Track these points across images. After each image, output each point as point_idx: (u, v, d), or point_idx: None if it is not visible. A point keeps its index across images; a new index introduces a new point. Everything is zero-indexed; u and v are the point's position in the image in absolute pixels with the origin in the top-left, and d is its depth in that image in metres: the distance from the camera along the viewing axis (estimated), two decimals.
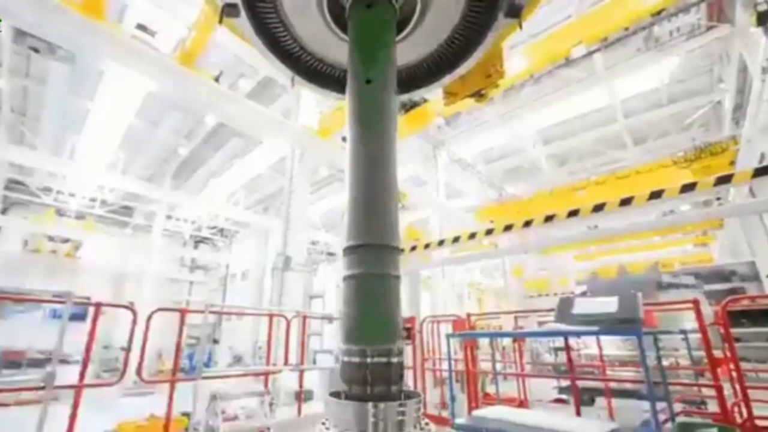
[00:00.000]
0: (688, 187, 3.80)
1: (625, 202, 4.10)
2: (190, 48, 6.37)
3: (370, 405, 0.93)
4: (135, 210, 15.29)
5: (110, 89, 7.92)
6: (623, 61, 7.66)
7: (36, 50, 7.34)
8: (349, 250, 1.12)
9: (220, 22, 1.53)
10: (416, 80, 1.85)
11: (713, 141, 6.84)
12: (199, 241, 18.63)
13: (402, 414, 0.95)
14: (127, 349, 4.04)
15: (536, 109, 9.05)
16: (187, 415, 4.31)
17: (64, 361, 6.04)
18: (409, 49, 1.64)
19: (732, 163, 6.38)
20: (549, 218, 4.91)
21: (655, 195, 3.89)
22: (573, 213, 4.66)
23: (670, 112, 9.48)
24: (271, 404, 5.01)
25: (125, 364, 4.10)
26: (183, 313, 4.69)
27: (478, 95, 1.81)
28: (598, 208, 4.36)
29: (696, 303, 3.91)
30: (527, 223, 5.17)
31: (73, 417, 3.44)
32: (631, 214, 4.40)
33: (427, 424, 1.00)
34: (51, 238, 12.52)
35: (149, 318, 4.20)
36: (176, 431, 4.19)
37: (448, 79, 1.76)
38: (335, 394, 1.05)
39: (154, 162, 12.82)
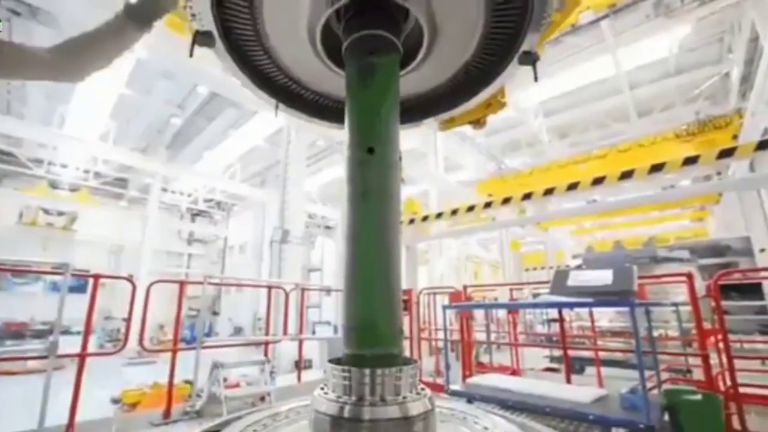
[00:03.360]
0: (690, 160, 3.76)
1: (626, 175, 4.06)
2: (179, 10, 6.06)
3: (367, 370, 0.92)
4: (129, 182, 15.11)
5: None
6: (632, 28, 7.39)
7: (17, 13, 6.99)
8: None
9: (191, 55, 1.31)
10: (409, 113, 1.66)
11: (717, 114, 6.73)
12: (196, 214, 18.58)
13: (399, 379, 0.94)
14: (128, 320, 4.09)
15: (539, 80, 8.79)
16: (189, 382, 4.43)
17: (66, 332, 6.15)
18: (405, 84, 1.42)
19: (735, 137, 6.29)
20: (548, 191, 4.87)
21: (656, 168, 3.84)
22: (573, 186, 4.62)
23: (676, 84, 9.27)
24: (272, 372, 5.15)
25: (126, 334, 4.16)
26: (182, 284, 4.73)
27: (476, 122, 1.66)
28: (598, 181, 4.33)
29: (689, 276, 3.96)
30: (526, 196, 5.14)
31: (77, 384, 3.52)
32: (631, 188, 4.38)
33: (423, 389, 1.00)
34: (46, 211, 12.43)
35: (148, 289, 4.23)
36: (180, 398, 4.31)
37: (445, 116, 1.64)
38: (334, 361, 1.04)
39: (148, 132, 12.55)
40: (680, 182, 8.89)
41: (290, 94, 1.58)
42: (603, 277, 3.37)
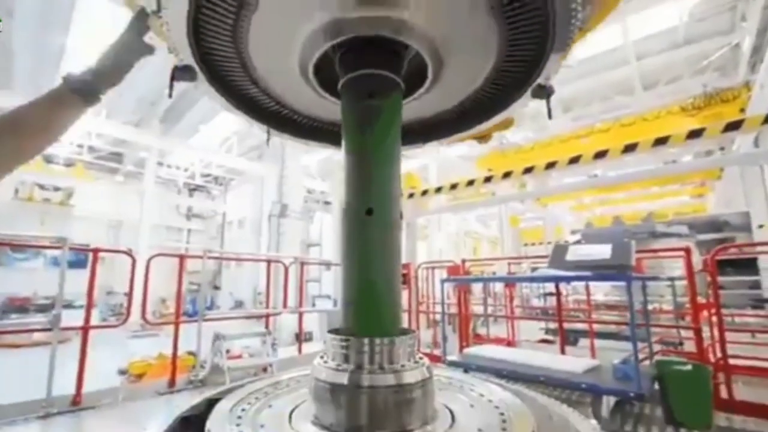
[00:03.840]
0: (695, 133, 3.67)
1: (629, 148, 3.99)
2: None
3: (366, 339, 0.92)
4: (125, 156, 14.92)
5: (84, 21, 7.31)
6: None
7: None
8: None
9: (170, 95, 1.18)
10: (410, 136, 1.54)
11: (725, 87, 6.55)
12: (193, 189, 18.47)
13: (397, 348, 0.93)
14: (129, 293, 4.13)
15: None
16: (193, 354, 4.52)
17: (69, 306, 6.22)
18: (407, 110, 1.28)
19: (742, 110, 6.16)
20: (550, 165, 4.81)
21: (661, 141, 3.77)
22: (574, 160, 4.56)
23: (685, 55, 8.98)
24: (273, 344, 5.26)
25: (128, 308, 4.21)
26: (182, 258, 4.75)
27: (482, 138, 1.57)
28: (601, 154, 4.25)
29: (687, 251, 3.97)
30: (527, 170, 5.08)
31: (82, 355, 3.59)
32: (634, 162, 4.31)
33: (421, 358, 1.00)
34: (42, 186, 12.33)
35: (148, 263, 4.25)
36: (184, 369, 4.42)
37: (450, 140, 1.53)
38: (333, 331, 1.04)
39: (140, 106, 12.25)
40: (683, 158, 8.79)
41: (282, 118, 1.47)
42: (601, 251, 3.38)
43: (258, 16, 0.97)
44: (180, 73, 1.08)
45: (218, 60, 1.17)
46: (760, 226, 6.02)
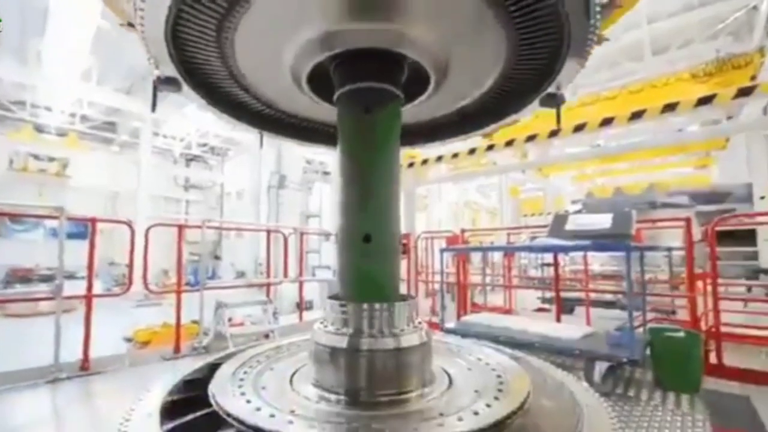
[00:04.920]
0: (705, 100, 3.56)
1: (637, 115, 3.87)
2: None
3: (365, 305, 0.91)
4: (119, 126, 14.60)
5: None
6: None
7: None
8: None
9: (153, 109, 1.07)
10: (409, 137, 1.42)
11: (738, 53, 6.28)
12: (190, 159, 18.25)
13: (395, 313, 0.93)
14: (129, 263, 4.15)
15: None
16: (197, 323, 4.62)
17: (72, 277, 6.28)
18: (407, 113, 1.16)
19: (753, 78, 5.94)
20: (554, 133, 4.69)
21: (669, 108, 3.65)
22: (579, 127, 4.44)
23: (698, 18, 8.59)
24: (275, 313, 5.36)
25: (130, 276, 4.25)
26: (180, 227, 4.75)
27: (487, 134, 1.48)
28: (607, 121, 4.13)
29: (688, 221, 3.96)
30: (530, 138, 4.97)
31: (87, 323, 3.65)
32: (640, 131, 4.19)
33: (420, 322, 1.00)
34: (36, 157, 12.14)
35: (147, 232, 4.25)
36: (189, 336, 4.52)
37: (452, 140, 1.42)
38: (334, 297, 1.03)
39: (132, 72, 11.84)
40: (689, 127, 8.60)
41: (276, 121, 1.37)
42: (602, 220, 3.37)
43: (247, 21, 0.87)
44: (163, 84, 1.01)
45: (204, 69, 1.08)
46: (762, 198, 5.99)
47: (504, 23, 0.87)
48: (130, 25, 0.89)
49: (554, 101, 1.11)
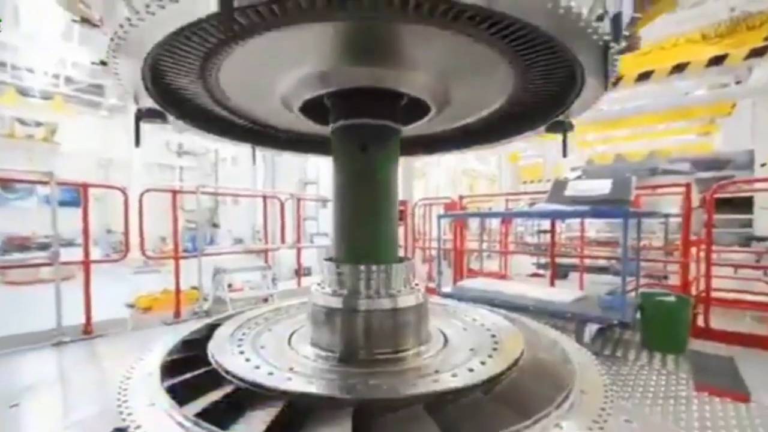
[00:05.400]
0: (716, 60, 3.42)
1: (644, 76, 3.73)
2: None
3: (362, 266, 0.89)
4: (106, 89, 14.07)
5: None
6: None
7: None
8: None
9: (137, 144, 0.96)
10: (409, 148, 1.31)
11: (755, 11, 5.95)
12: None
13: (392, 274, 0.92)
14: (125, 229, 4.14)
15: None
16: (196, 288, 4.68)
17: (70, 244, 6.28)
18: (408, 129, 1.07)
19: (766, 39, 5.67)
20: None
21: (678, 68, 3.51)
22: None
23: None
24: (273, 278, 5.44)
25: (126, 242, 4.25)
26: (174, 193, 4.72)
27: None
28: (612, 83, 3.97)
29: (688, 187, 3.94)
30: None
31: (86, 287, 3.69)
32: (644, 96, 4.07)
33: (416, 284, 0.99)
34: (22, 122, 11.77)
35: (141, 198, 4.21)
36: (189, 302, 4.60)
37: (454, 152, 1.33)
38: (331, 259, 1.02)
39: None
40: (695, 92, 8.38)
41: (268, 136, 1.30)
42: (601, 186, 3.35)
43: (232, 61, 0.79)
44: (146, 115, 0.97)
45: (189, 99, 1.02)
46: (763, 165, 5.94)
47: (513, 65, 0.83)
48: (86, 20, 0.81)
49: (561, 128, 1.07)
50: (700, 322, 3.89)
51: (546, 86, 0.95)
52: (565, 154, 1.17)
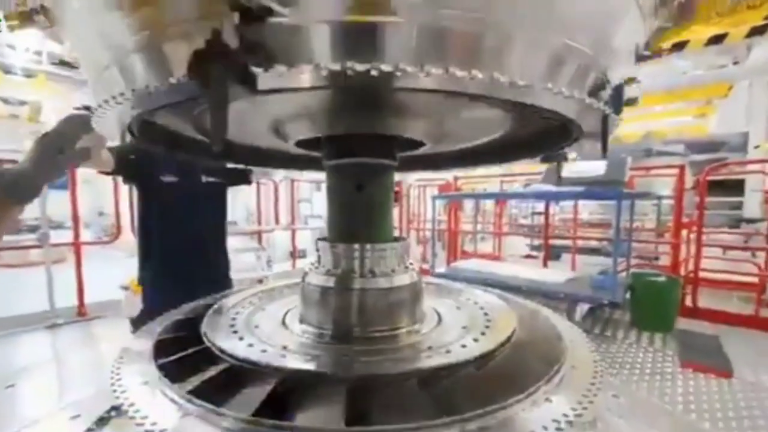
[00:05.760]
0: (716, 39, 3.37)
1: (641, 58, 3.66)
2: None
3: (357, 245, 0.88)
4: None
5: None
6: None
7: None
8: None
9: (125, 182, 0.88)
10: (409, 164, 1.29)
11: None
12: None
13: (387, 253, 0.91)
14: (116, 211, 4.09)
15: None
16: None
17: (61, 227, 6.18)
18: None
19: (766, 18, 5.59)
20: None
21: (678, 46, 3.47)
22: None
23: None
24: (268, 260, 5.44)
25: (117, 225, 4.20)
26: None
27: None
28: None
29: (681, 169, 3.96)
30: None
31: (78, 269, 3.66)
32: (643, 74, 4.02)
33: (411, 263, 0.98)
34: (5, 101, 11.40)
35: None
36: None
37: (451, 171, 1.30)
38: (325, 238, 1.01)
39: None
40: (693, 72, 8.31)
41: (258, 155, 1.27)
42: (596, 167, 3.35)
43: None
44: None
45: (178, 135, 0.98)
46: (756, 147, 5.97)
47: (512, 114, 0.81)
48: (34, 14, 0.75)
49: (555, 158, 1.08)
50: (689, 302, 3.99)
51: (543, 133, 0.96)
52: (559, 177, 1.19)
